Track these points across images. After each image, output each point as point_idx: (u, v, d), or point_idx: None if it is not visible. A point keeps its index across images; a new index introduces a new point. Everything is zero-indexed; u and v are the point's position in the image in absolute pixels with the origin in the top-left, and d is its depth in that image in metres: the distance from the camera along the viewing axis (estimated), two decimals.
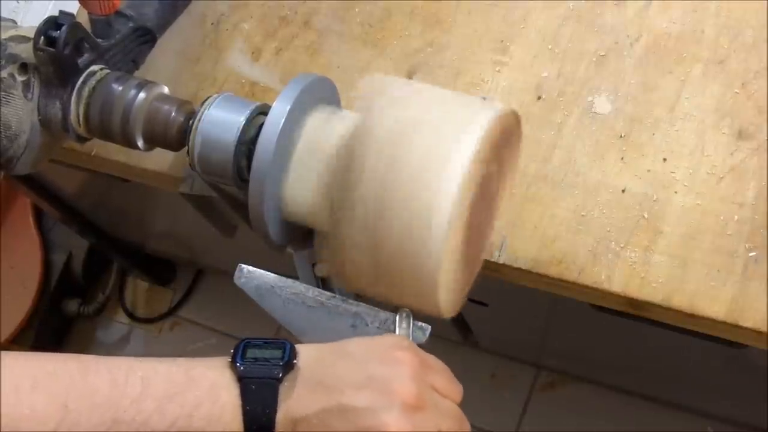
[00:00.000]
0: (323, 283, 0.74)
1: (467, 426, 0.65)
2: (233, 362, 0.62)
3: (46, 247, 1.70)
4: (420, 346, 0.68)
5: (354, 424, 0.60)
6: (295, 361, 0.62)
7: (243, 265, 0.73)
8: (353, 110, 0.70)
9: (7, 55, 0.73)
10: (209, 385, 0.61)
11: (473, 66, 0.88)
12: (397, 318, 0.70)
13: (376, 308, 0.70)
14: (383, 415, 0.60)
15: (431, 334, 0.69)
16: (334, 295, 0.72)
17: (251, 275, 0.73)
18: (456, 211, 0.60)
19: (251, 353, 0.62)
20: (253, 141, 0.69)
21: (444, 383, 0.64)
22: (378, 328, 0.69)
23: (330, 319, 0.71)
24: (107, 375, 0.59)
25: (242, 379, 0.61)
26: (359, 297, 0.71)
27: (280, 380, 0.61)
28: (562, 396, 1.55)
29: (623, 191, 0.80)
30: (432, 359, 0.66)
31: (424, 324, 0.69)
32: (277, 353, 0.62)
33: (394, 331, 0.69)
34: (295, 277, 0.73)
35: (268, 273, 0.72)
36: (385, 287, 0.65)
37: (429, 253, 0.60)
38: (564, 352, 1.46)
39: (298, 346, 0.64)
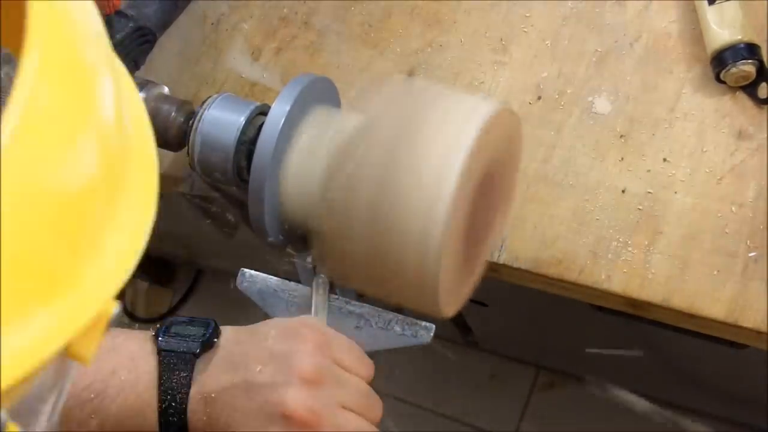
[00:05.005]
0: None
1: (376, 402, 0.66)
2: (155, 336, 0.64)
3: None
4: (423, 346, 0.68)
5: (256, 399, 0.61)
6: (215, 340, 0.64)
7: (245, 270, 0.73)
8: (352, 111, 0.70)
9: (5, 55, 0.73)
10: (128, 354, 0.63)
11: (473, 66, 0.88)
12: (313, 286, 0.70)
13: (380, 309, 0.70)
14: (282, 390, 0.61)
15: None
16: (337, 297, 0.71)
17: (253, 279, 0.72)
18: (454, 210, 0.60)
19: (175, 329, 0.65)
20: (253, 141, 0.69)
21: (350, 360, 0.65)
22: (381, 328, 0.69)
23: (333, 320, 0.70)
24: None
25: (161, 352, 0.63)
26: (361, 297, 0.71)
27: (197, 356, 0.63)
28: (562, 396, 1.54)
29: (623, 191, 0.80)
30: (339, 337, 0.67)
31: (428, 323, 0.69)
32: (200, 331, 0.64)
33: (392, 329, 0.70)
34: (296, 279, 0.73)
35: (271, 277, 0.72)
36: (385, 287, 0.65)
37: (429, 252, 0.60)
38: (564, 352, 1.45)
39: (222, 327, 0.65)
